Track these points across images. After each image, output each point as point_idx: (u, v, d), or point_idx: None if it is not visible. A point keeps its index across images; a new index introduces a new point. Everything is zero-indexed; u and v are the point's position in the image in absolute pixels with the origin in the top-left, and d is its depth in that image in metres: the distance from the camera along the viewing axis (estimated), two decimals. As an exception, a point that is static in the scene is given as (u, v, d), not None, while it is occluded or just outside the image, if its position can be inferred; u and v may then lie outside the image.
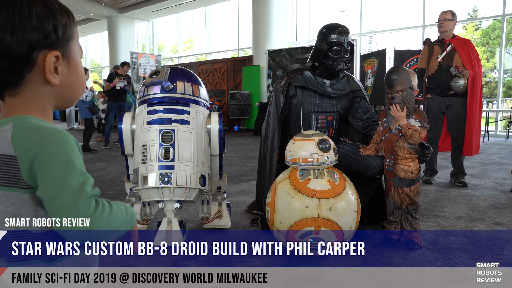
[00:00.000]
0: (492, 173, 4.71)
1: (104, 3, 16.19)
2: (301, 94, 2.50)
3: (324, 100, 2.51)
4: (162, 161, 2.28)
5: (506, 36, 10.59)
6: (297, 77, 2.50)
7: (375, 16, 14.23)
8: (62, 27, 0.67)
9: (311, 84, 2.48)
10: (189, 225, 2.76)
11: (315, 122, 2.52)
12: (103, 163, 5.79)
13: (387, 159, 2.32)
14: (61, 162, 0.63)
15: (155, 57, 13.74)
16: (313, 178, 2.00)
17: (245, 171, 4.98)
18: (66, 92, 0.71)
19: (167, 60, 18.90)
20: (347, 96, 2.57)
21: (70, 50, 0.70)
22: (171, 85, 2.41)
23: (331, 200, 1.94)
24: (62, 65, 0.68)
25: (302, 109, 2.50)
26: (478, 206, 3.22)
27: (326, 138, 2.08)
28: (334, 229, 1.95)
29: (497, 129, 10.29)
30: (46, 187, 0.62)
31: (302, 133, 2.16)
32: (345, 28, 2.46)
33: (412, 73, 2.27)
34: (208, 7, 15.96)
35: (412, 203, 2.29)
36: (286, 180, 2.06)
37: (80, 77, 0.73)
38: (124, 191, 3.52)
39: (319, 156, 2.02)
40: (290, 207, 1.97)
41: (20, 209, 0.65)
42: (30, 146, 0.63)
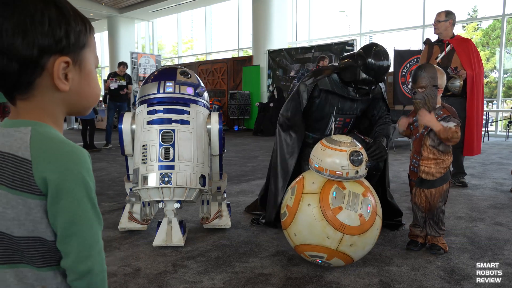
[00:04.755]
0: (492, 173, 4.71)
1: (104, 3, 16.20)
2: (325, 96, 2.50)
3: (346, 104, 2.53)
4: (162, 161, 2.27)
5: (506, 36, 10.59)
6: (324, 80, 2.48)
7: (375, 16, 14.23)
8: (76, 34, 0.67)
9: (337, 88, 2.48)
10: (189, 225, 2.76)
11: (332, 122, 2.55)
12: (103, 163, 5.79)
13: (413, 159, 2.27)
14: (80, 186, 0.64)
15: (155, 57, 13.74)
16: (346, 208, 1.78)
17: (245, 171, 4.98)
18: (78, 100, 0.71)
19: (167, 60, 18.90)
20: (368, 98, 2.58)
21: (83, 58, 0.69)
22: (205, 90, 2.48)
23: (355, 237, 1.79)
24: (73, 72, 0.67)
25: (324, 109, 2.52)
26: (478, 206, 3.22)
27: (359, 150, 1.87)
28: (346, 260, 1.88)
29: (497, 129, 10.30)
30: (62, 209, 0.64)
31: (333, 138, 1.94)
32: (386, 68, 2.38)
33: (440, 72, 2.20)
34: (208, 7, 15.96)
35: (431, 209, 2.22)
36: (316, 197, 1.83)
37: (93, 86, 0.73)
38: (124, 191, 3.52)
39: (349, 170, 1.82)
40: (310, 229, 1.82)
41: (21, 214, 0.63)
42: (50, 156, 0.63)
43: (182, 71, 2.51)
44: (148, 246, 2.36)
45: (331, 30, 14.30)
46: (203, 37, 16.67)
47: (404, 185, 4.04)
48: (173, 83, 2.42)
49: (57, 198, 0.62)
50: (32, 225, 0.64)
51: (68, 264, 0.65)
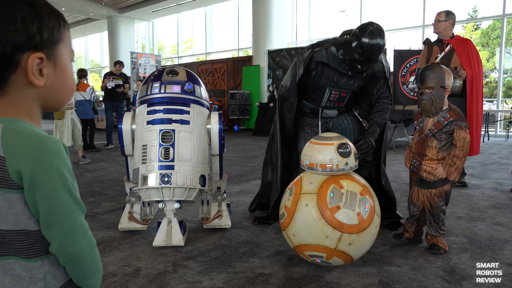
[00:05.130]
0: (492, 173, 4.71)
1: (104, 3, 16.19)
2: (321, 69, 2.48)
3: (342, 78, 2.49)
4: (162, 161, 2.27)
5: (506, 36, 10.59)
6: (321, 52, 2.45)
7: (375, 16, 14.22)
8: (49, 29, 0.68)
9: (333, 62, 2.43)
10: (189, 225, 2.76)
11: (327, 95, 2.54)
12: (103, 163, 5.79)
13: (414, 159, 2.27)
14: (56, 176, 0.65)
15: (155, 57, 13.73)
16: (343, 207, 1.79)
17: (245, 171, 4.98)
18: (53, 95, 0.72)
19: (167, 60, 18.89)
20: (367, 76, 2.51)
21: (58, 53, 0.70)
22: (193, 88, 2.45)
23: (353, 235, 1.79)
24: (47, 67, 0.68)
25: (319, 81, 2.50)
26: (478, 206, 3.22)
27: (346, 142, 1.94)
28: (345, 259, 1.89)
29: (497, 129, 10.30)
30: (39, 199, 0.65)
31: (320, 135, 2.03)
32: (379, 47, 2.27)
33: (448, 72, 2.18)
34: (208, 7, 15.96)
35: (432, 209, 2.21)
36: (313, 197, 1.84)
37: (68, 80, 0.73)
38: (124, 191, 3.52)
39: (338, 162, 1.87)
40: (309, 229, 1.83)
41: (3, 208, 0.64)
42: (21, 149, 0.64)
43: (170, 70, 2.51)
44: (148, 246, 2.36)
45: (331, 30, 14.28)
46: (203, 37, 16.68)
47: (404, 185, 4.04)
48: (159, 83, 2.44)
49: (32, 190, 0.63)
50: (15, 218, 0.64)
51: (55, 250, 0.67)
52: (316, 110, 2.65)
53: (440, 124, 2.15)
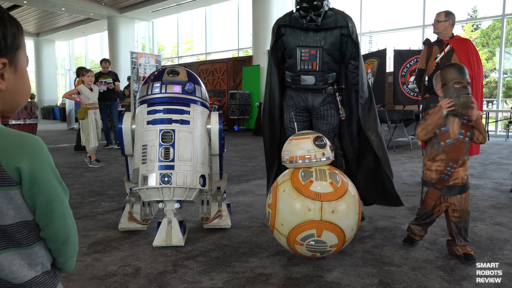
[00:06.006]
0: (492, 173, 4.71)
1: (104, 3, 16.20)
2: (289, 32, 2.66)
3: (308, 35, 2.61)
4: (162, 161, 2.28)
5: (506, 36, 10.59)
6: (284, 17, 2.69)
7: (375, 16, 14.23)
8: (11, 36, 0.71)
9: (295, 22, 2.61)
10: (189, 225, 2.76)
11: (299, 55, 2.63)
12: (103, 163, 5.79)
13: (448, 167, 2.08)
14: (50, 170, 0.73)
15: (155, 57, 13.72)
16: (315, 180, 1.95)
17: (245, 171, 4.98)
18: (13, 98, 0.75)
19: (167, 60, 18.89)
20: (333, 32, 2.60)
21: (18, 58, 0.74)
22: (193, 88, 2.46)
23: (333, 203, 1.90)
24: (8, 72, 0.72)
25: (290, 44, 2.65)
26: (478, 206, 3.22)
27: (321, 136, 2.09)
28: (336, 232, 1.93)
29: (497, 129, 10.30)
30: (38, 192, 0.72)
31: (298, 133, 2.18)
32: None
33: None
34: (208, 7, 15.97)
35: (463, 215, 2.11)
36: (288, 182, 2.01)
37: (26, 84, 0.78)
38: (124, 191, 3.52)
39: (316, 152, 2.02)
40: (292, 210, 1.93)
41: (3, 205, 0.69)
42: (17, 147, 0.69)
43: (170, 70, 2.52)
44: (148, 246, 2.36)
45: (331, 30, 14.27)
46: (203, 37, 16.68)
47: (404, 185, 4.04)
48: (160, 83, 2.44)
49: (31, 185, 0.70)
50: (15, 211, 0.70)
51: (48, 234, 0.75)
52: (296, 78, 2.68)
53: (468, 126, 2.08)
